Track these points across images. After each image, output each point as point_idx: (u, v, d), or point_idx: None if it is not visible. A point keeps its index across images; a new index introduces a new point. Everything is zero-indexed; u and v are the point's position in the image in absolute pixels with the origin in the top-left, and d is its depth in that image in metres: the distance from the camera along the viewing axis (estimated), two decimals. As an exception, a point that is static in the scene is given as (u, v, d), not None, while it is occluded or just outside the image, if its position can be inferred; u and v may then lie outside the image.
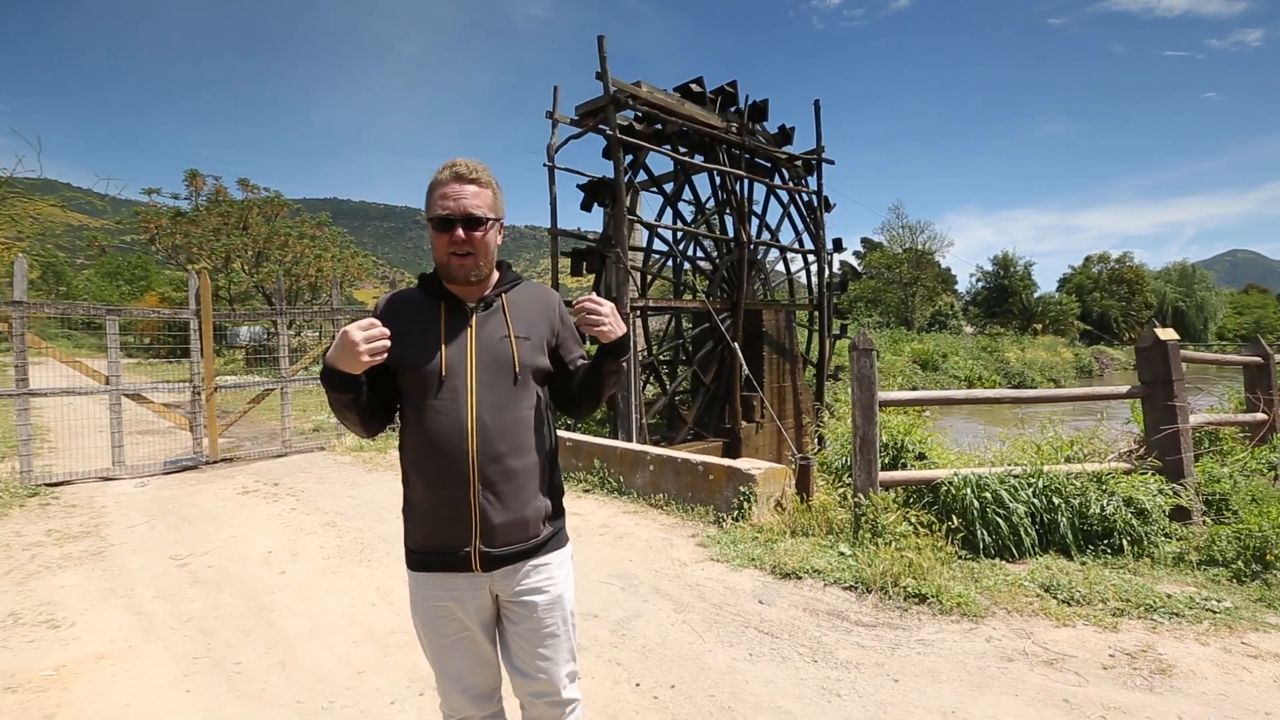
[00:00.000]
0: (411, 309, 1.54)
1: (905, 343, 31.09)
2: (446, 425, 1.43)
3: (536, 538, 1.51)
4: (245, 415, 8.96)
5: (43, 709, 2.53)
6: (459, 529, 1.44)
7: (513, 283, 1.59)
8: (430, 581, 1.50)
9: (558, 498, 1.59)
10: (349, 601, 3.59)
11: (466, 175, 1.47)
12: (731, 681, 2.76)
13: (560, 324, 1.61)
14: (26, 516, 5.32)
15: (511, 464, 1.45)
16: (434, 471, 1.45)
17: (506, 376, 1.47)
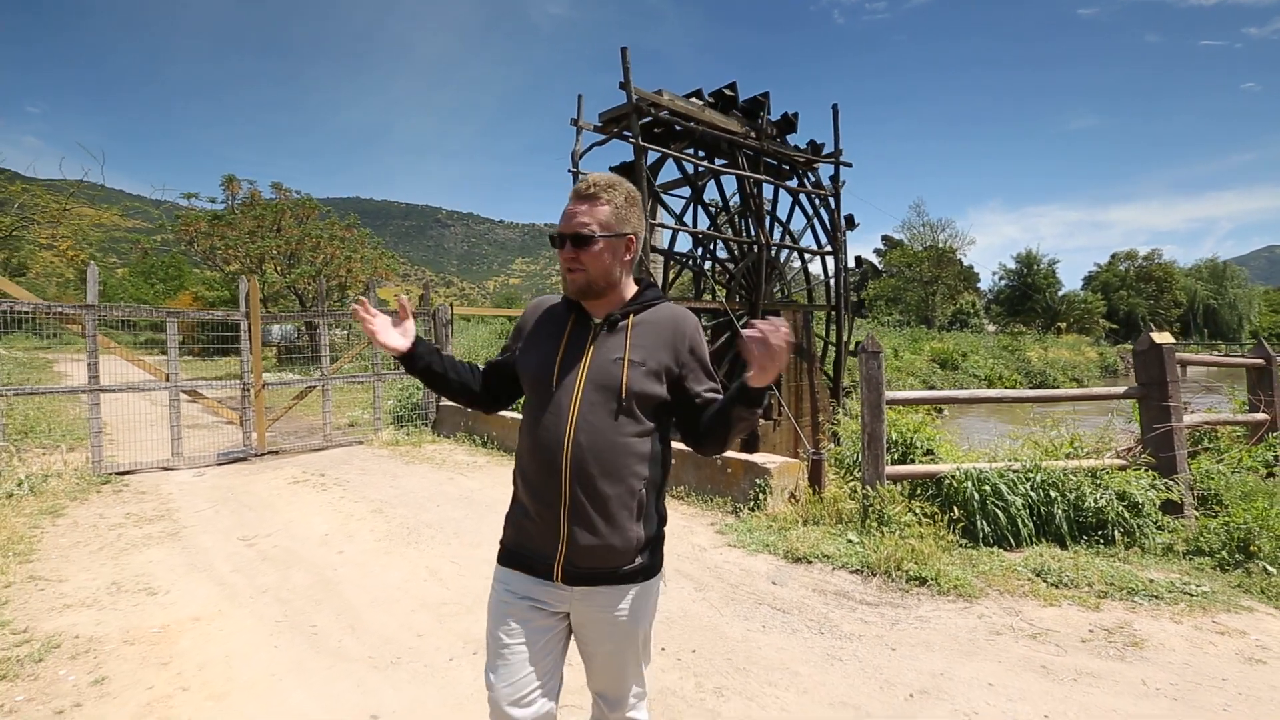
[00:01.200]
0: (548, 315, 1.60)
1: (925, 341, 31.05)
2: (547, 438, 1.46)
3: (625, 565, 1.47)
4: (286, 411, 9.50)
5: (159, 658, 2.98)
6: (548, 540, 1.47)
7: (647, 304, 1.56)
8: (511, 578, 1.53)
9: (655, 528, 1.53)
10: (403, 577, 4.01)
11: (584, 192, 1.49)
12: (746, 648, 3.13)
13: (689, 354, 1.53)
14: (105, 501, 5.85)
15: (604, 489, 1.42)
16: (532, 480, 1.49)
17: (612, 400, 1.44)
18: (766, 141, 11.69)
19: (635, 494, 1.45)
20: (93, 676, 2.81)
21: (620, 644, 1.51)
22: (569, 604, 1.49)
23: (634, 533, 1.46)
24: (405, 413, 9.48)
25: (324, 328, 9.01)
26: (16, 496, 5.58)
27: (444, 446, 8.21)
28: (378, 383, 9.17)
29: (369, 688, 2.75)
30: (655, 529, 1.53)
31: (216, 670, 2.88)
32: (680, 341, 1.52)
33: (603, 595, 1.47)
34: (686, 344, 1.52)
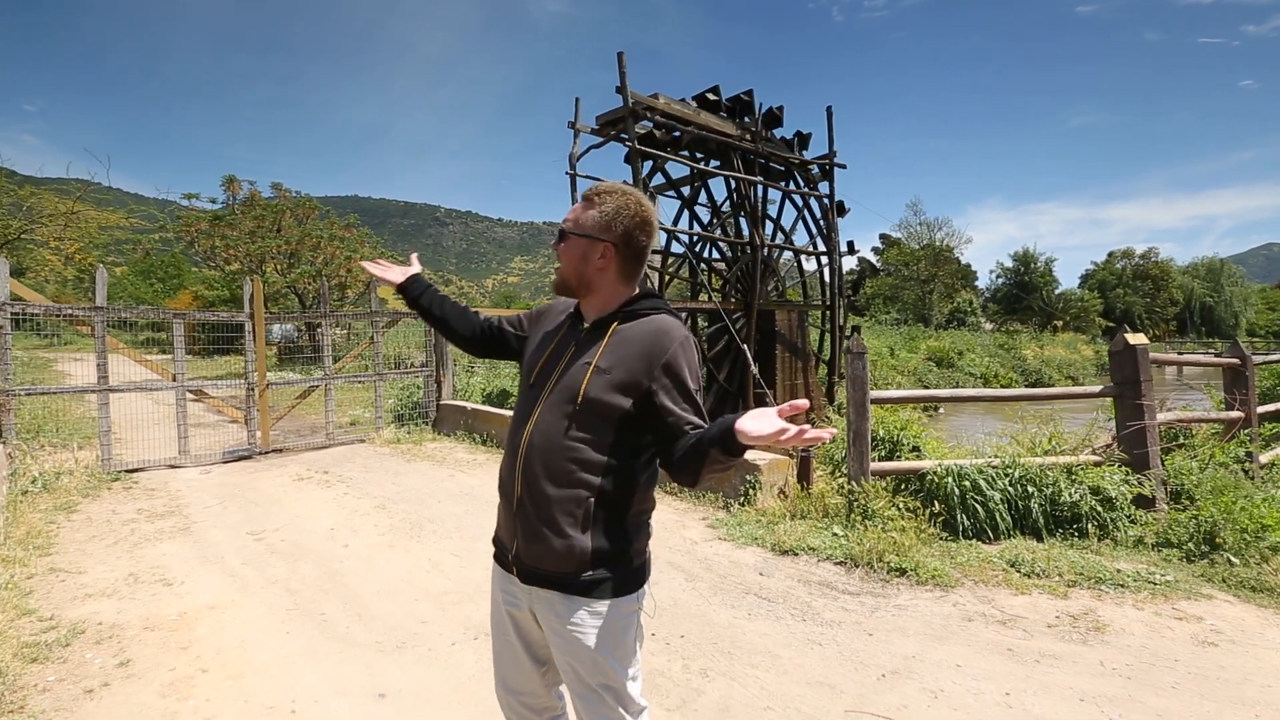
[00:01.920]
0: (559, 314, 1.65)
1: (922, 340, 31.26)
2: (511, 434, 1.54)
3: (569, 574, 1.42)
4: (289, 410, 9.68)
5: (178, 643, 3.16)
6: (507, 533, 1.52)
7: (638, 313, 1.52)
8: (496, 572, 1.62)
9: (613, 544, 1.44)
10: (406, 569, 4.19)
11: (586, 194, 1.56)
12: (731, 634, 3.31)
13: (662, 371, 1.42)
14: (116, 498, 6.03)
15: (547, 489, 1.41)
16: (501, 472, 1.57)
17: (569, 403, 1.43)
18: (761, 143, 11.87)
19: (581, 502, 1.40)
20: (118, 659, 2.99)
21: (582, 667, 1.45)
22: (530, 603, 1.50)
23: (577, 541, 1.40)
24: (406, 411, 9.66)
25: (326, 328, 9.19)
26: (31, 494, 5.75)
27: (444, 444, 8.39)
28: (379, 382, 9.35)
29: (376, 670, 2.94)
30: (613, 545, 1.44)
31: (233, 654, 3.07)
32: (656, 356, 1.42)
33: (558, 602, 1.44)
34: (663, 360, 1.42)
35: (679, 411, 1.41)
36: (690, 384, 1.44)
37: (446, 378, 9.68)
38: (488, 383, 11.30)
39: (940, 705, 2.63)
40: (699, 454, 1.32)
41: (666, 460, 1.44)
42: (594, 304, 1.54)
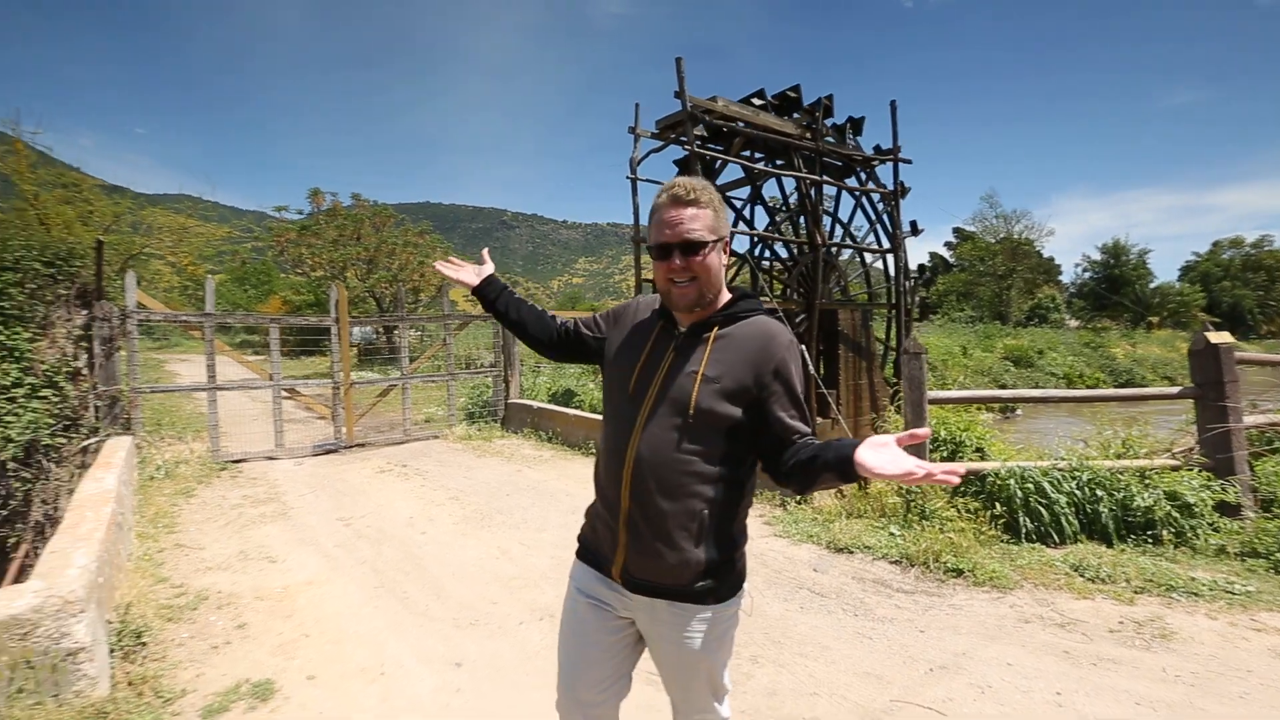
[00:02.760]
0: (637, 317, 1.58)
1: (998, 338, 29.87)
2: (614, 444, 1.46)
3: (684, 584, 1.41)
4: (371, 408, 10.36)
5: (284, 612, 3.58)
6: (609, 543, 1.47)
7: (738, 315, 1.47)
8: (582, 574, 1.56)
9: (723, 553, 1.43)
10: (478, 556, 4.52)
11: (684, 197, 1.41)
12: (783, 625, 3.44)
13: (773, 376, 1.40)
14: (224, 485, 6.69)
15: (661, 504, 1.38)
16: (601, 482, 1.51)
17: (680, 415, 1.39)
18: (821, 142, 11.76)
19: (695, 515, 1.38)
20: (236, 623, 3.42)
21: (686, 668, 1.46)
22: (632, 610, 1.48)
23: (691, 554, 1.39)
24: (476, 410, 10.16)
25: (404, 330, 9.78)
26: (156, 480, 6.48)
27: (512, 441, 8.80)
28: (451, 381, 9.88)
29: (453, 643, 3.24)
30: (722, 554, 1.43)
31: (330, 623, 3.45)
32: (765, 362, 1.40)
33: (665, 610, 1.43)
34: (772, 365, 1.40)
35: (788, 420, 1.40)
36: (799, 389, 1.42)
37: (514, 377, 10.12)
38: (553, 382, 11.70)
39: (986, 700, 2.68)
40: (812, 473, 1.32)
41: (772, 468, 1.42)
42: (698, 310, 1.47)
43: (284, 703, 2.70)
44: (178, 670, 2.93)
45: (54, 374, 6.65)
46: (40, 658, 2.40)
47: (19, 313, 6.61)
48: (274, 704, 2.69)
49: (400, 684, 2.85)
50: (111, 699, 2.58)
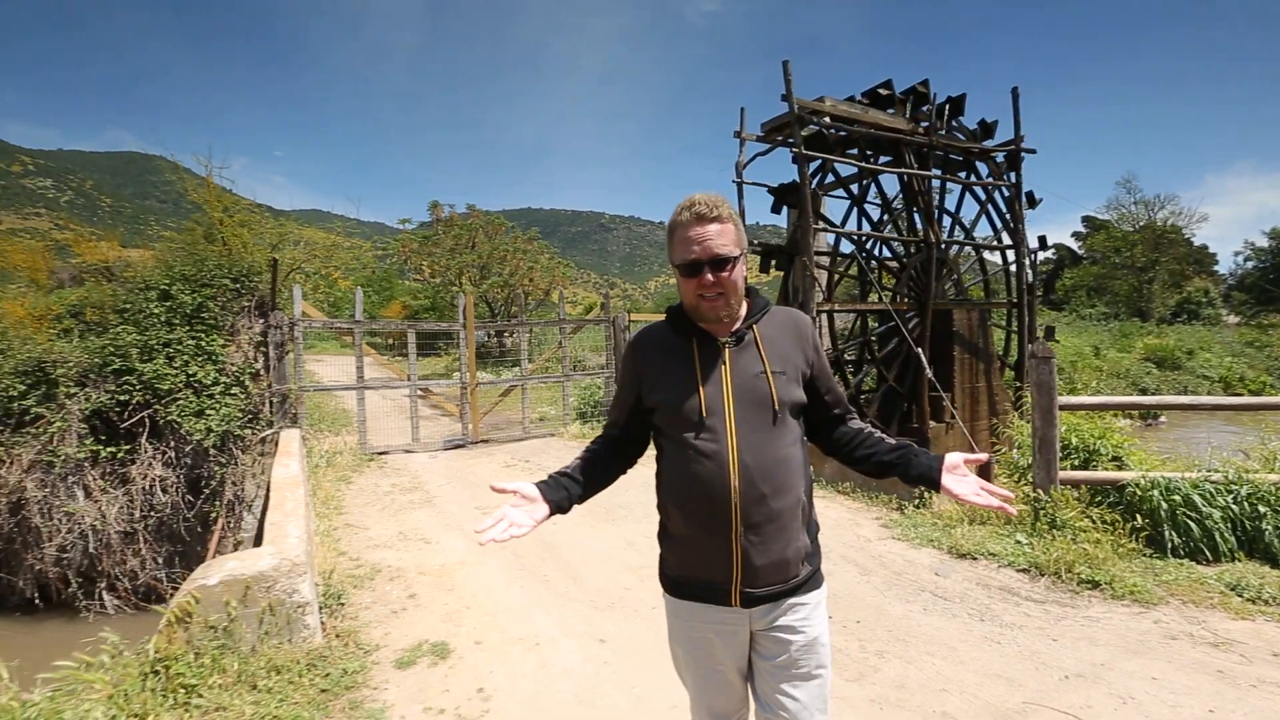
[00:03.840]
0: (662, 346, 1.56)
1: (1137, 337, 27.16)
2: (709, 466, 1.44)
3: (797, 577, 1.49)
4: (494, 407, 11.16)
5: (445, 586, 4.08)
6: (721, 567, 1.45)
7: (762, 312, 1.55)
8: (688, 610, 1.54)
9: (815, 535, 1.55)
10: (606, 546, 4.88)
11: (708, 215, 1.44)
12: (906, 625, 3.51)
13: (814, 353, 1.56)
14: (374, 474, 7.52)
15: (775, 505, 1.43)
16: (695, 510, 1.46)
17: (765, 415, 1.45)
18: (934, 135, 11.34)
19: (800, 503, 1.48)
20: (407, 593, 3.95)
21: (805, 657, 1.50)
22: (749, 624, 1.50)
23: (803, 541, 1.49)
24: (588, 409, 10.68)
25: (522, 334, 10.47)
26: (320, 468, 7.40)
27: (623, 440, 9.21)
28: (566, 382, 10.46)
29: (594, 622, 3.58)
30: (812, 537, 1.55)
31: (485, 598, 3.90)
32: (805, 343, 1.56)
33: (781, 610, 1.48)
34: (810, 343, 1.57)
35: (834, 390, 1.62)
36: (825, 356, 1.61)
37: (623, 379, 10.56)
38: (658, 383, 12.04)
39: (1129, 710, 2.65)
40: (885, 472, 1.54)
41: (819, 437, 1.63)
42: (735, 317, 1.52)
43: (459, 661, 3.14)
44: (369, 628, 3.46)
45: (240, 374, 7.75)
46: (280, 608, 2.96)
47: (214, 322, 7.77)
48: (451, 662, 3.13)
49: (553, 654, 3.22)
50: (326, 647, 3.11)
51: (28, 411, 6.87)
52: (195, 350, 7.52)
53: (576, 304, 26.96)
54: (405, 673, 3.04)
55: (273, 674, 2.81)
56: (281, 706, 2.62)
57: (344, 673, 2.94)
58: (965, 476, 1.45)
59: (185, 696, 2.60)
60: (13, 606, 7.15)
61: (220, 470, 7.41)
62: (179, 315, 7.62)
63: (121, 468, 7.19)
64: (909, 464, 1.51)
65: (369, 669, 3.04)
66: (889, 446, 1.56)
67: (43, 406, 6.92)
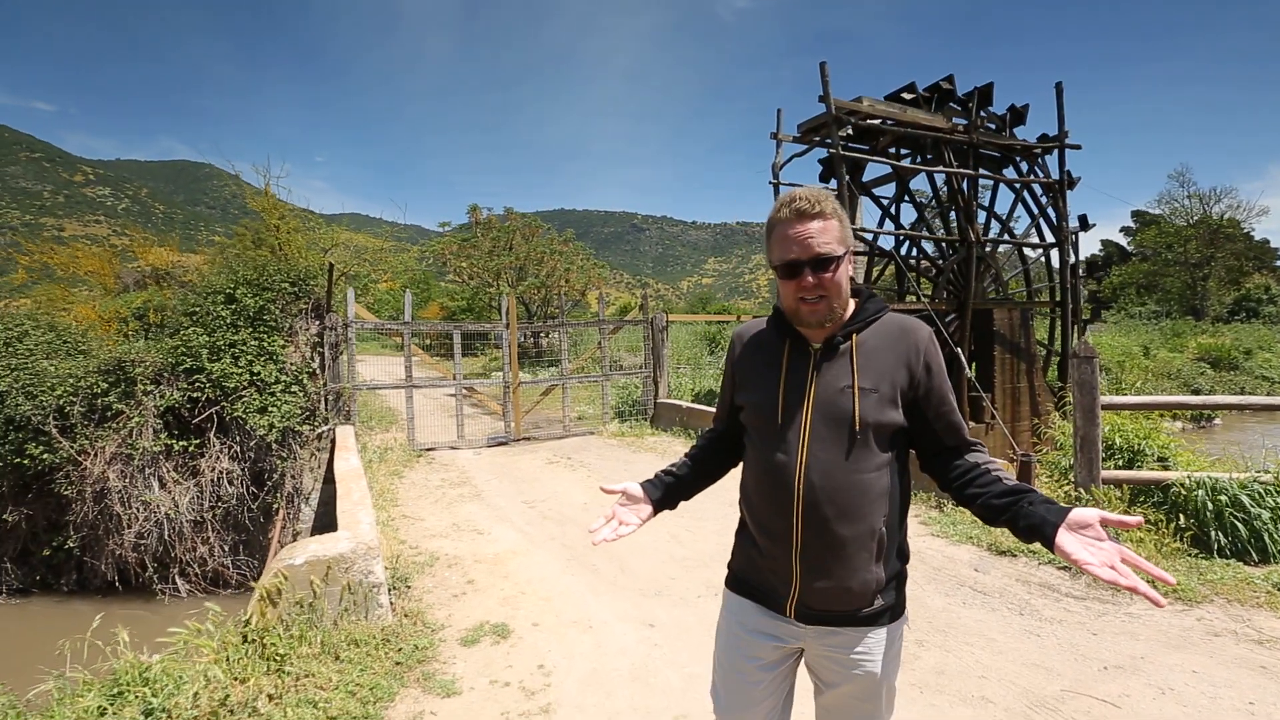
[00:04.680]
0: (760, 344, 1.51)
1: (1190, 336, 26.18)
2: (776, 478, 1.38)
3: (865, 608, 1.36)
4: (535, 405, 11.45)
5: (500, 573, 4.32)
6: (780, 578, 1.41)
7: (870, 318, 1.41)
8: (742, 609, 1.50)
9: (895, 569, 1.40)
10: (652, 539, 5.06)
11: (809, 211, 1.33)
12: (946, 617, 3.62)
13: (924, 372, 1.38)
14: (423, 469, 7.86)
15: (840, 531, 1.33)
16: (761, 517, 1.43)
17: (844, 433, 1.33)
18: (976, 134, 11.24)
19: (875, 534, 1.34)
20: (465, 579, 4.21)
21: (860, 692, 1.41)
22: (803, 640, 1.43)
23: (873, 574, 1.35)
24: (626, 409, 10.90)
25: (563, 335, 10.74)
26: (374, 463, 7.76)
27: (663, 439, 9.39)
28: (605, 382, 10.69)
29: (644, 608, 3.77)
30: (897, 567, 1.41)
31: (539, 584, 4.13)
32: (915, 359, 1.37)
33: (841, 637, 1.38)
34: (921, 361, 1.37)
35: (948, 417, 1.39)
36: (947, 381, 1.41)
37: (662, 378, 10.73)
38: (695, 383, 12.20)
39: (1167, 701, 2.73)
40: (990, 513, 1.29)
41: (934, 469, 1.43)
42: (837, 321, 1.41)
43: (519, 641, 3.36)
44: (434, 610, 3.71)
45: (299, 373, 8.18)
46: (357, 587, 3.23)
47: (275, 324, 8.21)
48: (512, 641, 3.36)
49: (606, 636, 3.42)
50: (397, 624, 3.38)
51: (110, 407, 7.39)
52: (258, 350, 7.97)
53: (610, 304, 27.28)
54: (470, 650, 3.28)
55: (352, 646, 3.08)
56: (363, 675, 2.88)
57: (415, 648, 3.19)
58: (1097, 542, 1.13)
59: (277, 665, 2.88)
60: (94, 589, 7.69)
61: (281, 464, 7.84)
62: (243, 317, 8.08)
63: (192, 460, 7.67)
64: (1018, 513, 1.24)
65: (437, 645, 3.29)
66: (1002, 489, 1.30)
67: (123, 403, 7.43)
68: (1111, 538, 1.12)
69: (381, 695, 2.77)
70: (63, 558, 7.60)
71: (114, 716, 2.55)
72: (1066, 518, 1.17)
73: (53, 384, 7.30)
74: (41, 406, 7.15)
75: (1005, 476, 1.33)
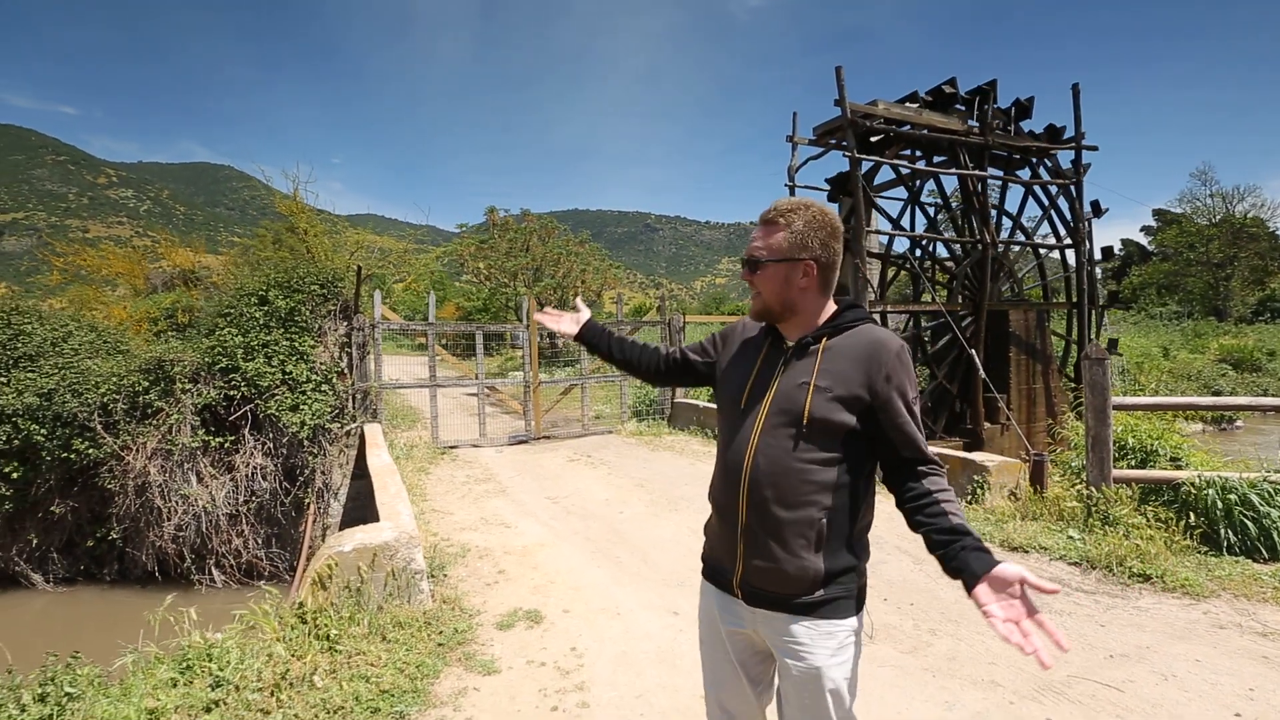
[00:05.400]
0: (746, 335, 1.66)
1: (1212, 338, 25.89)
2: (730, 458, 1.52)
3: (800, 597, 1.44)
4: (555, 404, 11.67)
5: (529, 564, 4.53)
6: (728, 556, 1.53)
7: (843, 326, 1.51)
8: (707, 591, 1.64)
9: (842, 563, 1.45)
10: (672, 533, 5.25)
11: (765, 217, 1.53)
12: (958, 608, 3.76)
13: (884, 383, 1.43)
14: (448, 466, 8.10)
15: (778, 513, 1.43)
16: (717, 496, 1.58)
17: (793, 425, 1.43)
18: (991, 135, 11.30)
19: (814, 523, 1.41)
20: (497, 569, 4.42)
21: (808, 685, 1.45)
22: (754, 625, 1.53)
23: (811, 563, 1.42)
24: (643, 408, 11.09)
25: (581, 336, 10.95)
26: (400, 459, 8.02)
27: (680, 438, 9.58)
28: (623, 382, 10.89)
29: (666, 597, 3.96)
30: (842, 565, 1.45)
31: (567, 575, 4.33)
32: (876, 369, 1.43)
33: (784, 623, 1.46)
34: (883, 372, 1.43)
35: (904, 429, 1.45)
36: (911, 394, 1.46)
37: (678, 378, 10.91)
38: (710, 383, 12.35)
39: (1169, 686, 2.87)
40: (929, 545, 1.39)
41: (890, 481, 1.52)
42: (797, 324, 1.54)
43: (551, 627, 3.57)
44: (469, 597, 3.93)
45: (329, 373, 8.46)
46: (401, 574, 3.45)
47: (305, 325, 8.50)
48: (544, 626, 3.57)
49: (633, 622, 3.61)
50: (437, 609, 3.59)
51: (150, 405, 7.71)
52: (289, 350, 8.26)
53: (625, 305, 27.43)
54: (506, 633, 3.48)
55: (397, 628, 3.30)
56: (409, 654, 3.10)
57: (455, 631, 3.40)
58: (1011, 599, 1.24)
59: (330, 643, 3.10)
60: (135, 578, 8.03)
61: (312, 460, 8.13)
62: (275, 318, 8.38)
63: (227, 456, 7.98)
64: (950, 554, 1.34)
65: (474, 629, 3.50)
66: (945, 525, 1.37)
67: (162, 400, 7.75)
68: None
69: (427, 672, 2.98)
70: (105, 549, 7.94)
71: (185, 687, 2.78)
72: (990, 572, 1.26)
73: (97, 382, 7.63)
74: (87, 404, 7.48)
75: (953, 511, 1.39)
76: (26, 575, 7.77)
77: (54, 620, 7.30)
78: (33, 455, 7.53)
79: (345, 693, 2.74)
